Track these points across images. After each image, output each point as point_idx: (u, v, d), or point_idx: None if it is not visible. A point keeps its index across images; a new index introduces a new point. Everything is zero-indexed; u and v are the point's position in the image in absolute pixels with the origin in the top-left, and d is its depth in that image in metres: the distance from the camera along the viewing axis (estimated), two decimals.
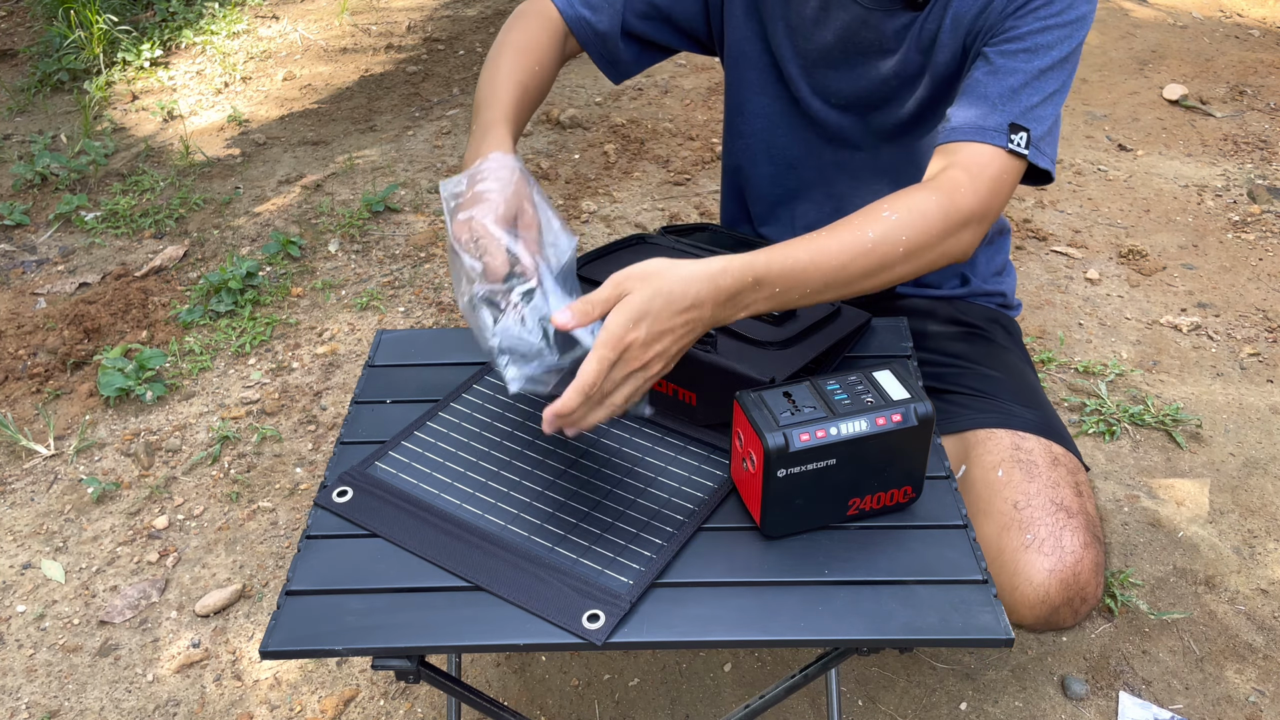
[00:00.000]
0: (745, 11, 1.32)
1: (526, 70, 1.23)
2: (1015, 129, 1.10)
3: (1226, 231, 2.58)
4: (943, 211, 1.05)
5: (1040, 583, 1.10)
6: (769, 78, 1.35)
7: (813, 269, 0.99)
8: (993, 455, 1.21)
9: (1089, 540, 1.14)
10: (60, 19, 3.71)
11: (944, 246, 1.06)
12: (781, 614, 0.90)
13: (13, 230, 2.68)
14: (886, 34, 1.23)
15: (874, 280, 1.04)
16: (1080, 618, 1.14)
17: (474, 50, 3.76)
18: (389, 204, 2.71)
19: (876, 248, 1.02)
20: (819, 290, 1.01)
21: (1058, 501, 1.15)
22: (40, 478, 1.89)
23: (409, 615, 0.91)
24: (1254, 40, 3.70)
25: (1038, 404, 1.29)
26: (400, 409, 1.16)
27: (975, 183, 1.07)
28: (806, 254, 0.99)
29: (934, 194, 1.06)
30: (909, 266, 1.05)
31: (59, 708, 1.47)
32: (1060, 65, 1.13)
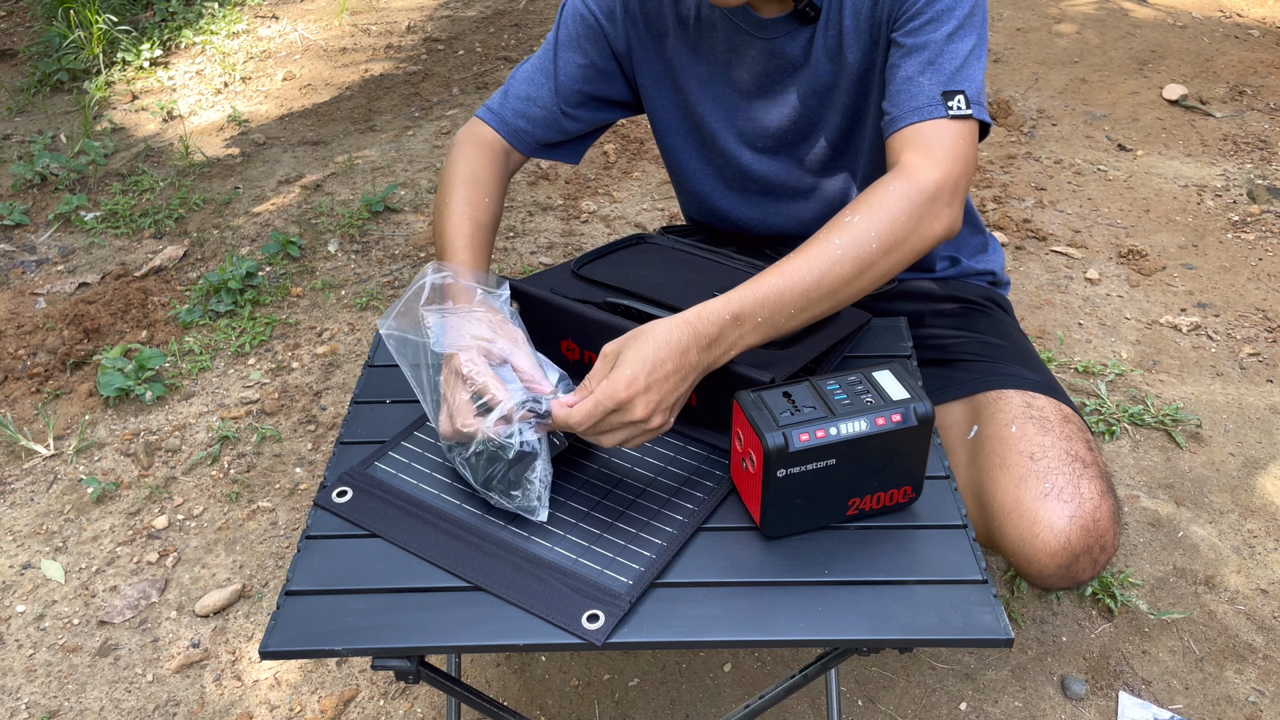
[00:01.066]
0: (655, 81, 1.35)
1: (477, 204, 1.27)
2: (949, 95, 1.11)
3: (1226, 231, 2.58)
4: (905, 196, 1.05)
5: (1062, 529, 1.11)
6: (694, 141, 1.39)
7: (789, 291, 1.01)
8: (1005, 413, 1.22)
9: (1105, 489, 1.15)
10: (60, 19, 3.71)
11: (922, 229, 1.06)
12: (781, 614, 0.90)
13: (13, 230, 2.68)
14: (793, 56, 1.25)
15: (860, 283, 1.05)
16: (1099, 568, 1.15)
17: (474, 50, 3.76)
18: (389, 204, 2.71)
19: (848, 252, 1.03)
20: (803, 308, 1.02)
21: (1072, 453, 1.16)
22: (40, 478, 1.89)
23: (409, 615, 0.91)
24: (1254, 40, 3.70)
25: (1041, 369, 1.32)
26: (400, 409, 1.16)
27: (931, 157, 1.08)
28: (779, 278, 1.01)
29: (892, 182, 1.07)
30: (892, 259, 1.05)
31: (59, 708, 1.47)
32: (968, 21, 1.13)
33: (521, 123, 1.34)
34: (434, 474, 1.07)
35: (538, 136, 1.35)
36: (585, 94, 1.35)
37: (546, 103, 1.33)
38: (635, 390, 0.93)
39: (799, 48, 1.24)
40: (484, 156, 1.32)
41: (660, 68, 1.34)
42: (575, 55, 1.32)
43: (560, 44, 1.33)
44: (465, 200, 1.26)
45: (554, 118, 1.34)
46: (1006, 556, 1.17)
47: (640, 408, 0.94)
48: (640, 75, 1.35)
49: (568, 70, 1.33)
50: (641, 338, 0.95)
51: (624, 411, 0.94)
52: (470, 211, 1.25)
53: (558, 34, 1.34)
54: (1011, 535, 1.14)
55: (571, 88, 1.33)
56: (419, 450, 1.10)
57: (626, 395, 0.93)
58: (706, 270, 1.26)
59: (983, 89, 1.14)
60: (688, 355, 0.96)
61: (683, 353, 0.95)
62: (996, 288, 1.50)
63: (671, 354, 0.95)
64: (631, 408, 0.94)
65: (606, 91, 1.36)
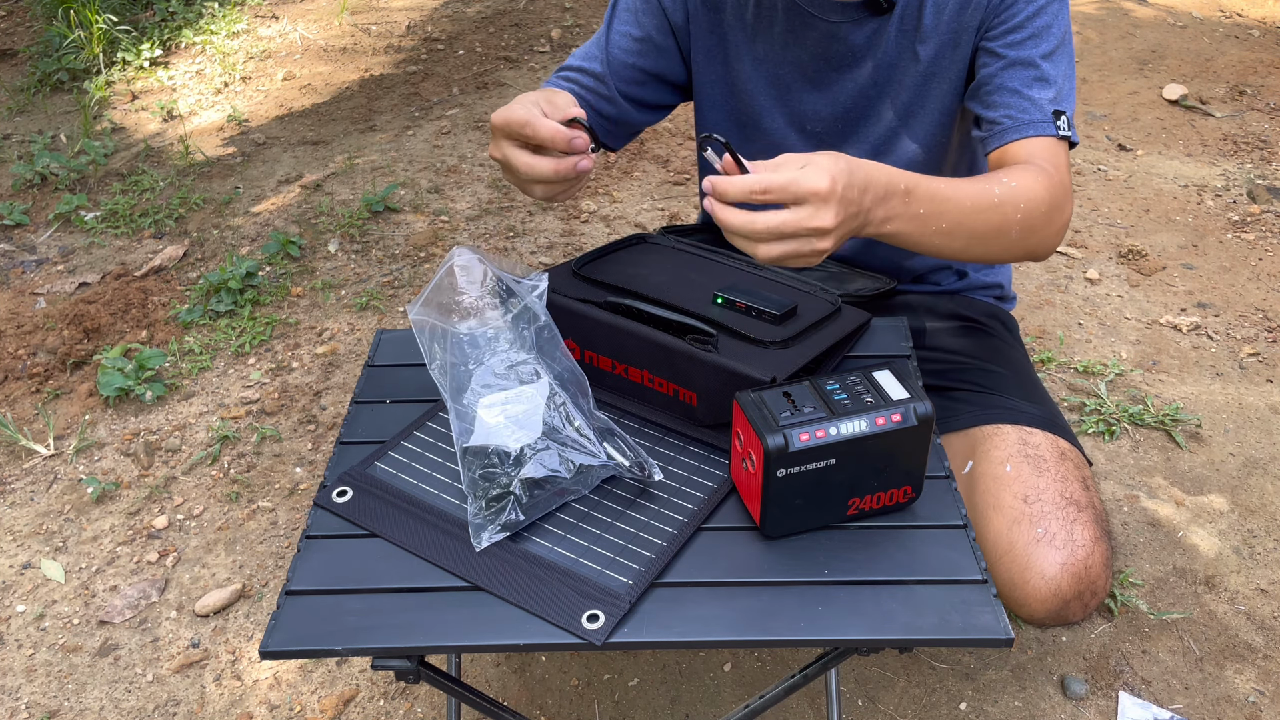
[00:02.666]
0: (707, 56, 1.32)
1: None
2: (1057, 115, 1.12)
3: (1226, 231, 2.58)
4: (1050, 192, 1.06)
5: (1053, 576, 1.11)
6: (734, 122, 1.36)
7: (949, 204, 0.99)
8: (1000, 450, 1.21)
9: (1099, 534, 1.15)
10: (60, 19, 3.71)
11: (1046, 231, 1.07)
12: (781, 614, 0.90)
13: (12, 230, 2.68)
14: (856, 44, 1.23)
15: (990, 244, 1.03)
16: (1089, 611, 1.15)
17: (473, 50, 3.76)
18: (389, 204, 2.71)
19: (1001, 206, 1.02)
20: (951, 230, 0.99)
21: (1067, 496, 1.16)
22: (40, 478, 1.89)
23: (409, 615, 0.91)
24: (1254, 40, 3.70)
25: (1041, 399, 1.30)
26: (400, 409, 1.16)
27: (1058, 174, 1.09)
28: (946, 187, 1.00)
29: (1042, 174, 1.07)
30: (1020, 242, 1.05)
31: (59, 708, 1.47)
32: (1063, 43, 1.15)
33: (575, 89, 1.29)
34: (434, 474, 1.06)
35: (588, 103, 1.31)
36: (638, 68, 1.31)
37: (598, 73, 1.29)
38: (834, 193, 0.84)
39: (864, 37, 1.22)
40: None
41: (714, 42, 1.30)
42: (631, 28, 1.29)
43: (617, 16, 1.30)
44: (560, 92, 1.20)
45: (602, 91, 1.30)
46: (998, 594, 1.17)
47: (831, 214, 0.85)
48: (694, 49, 1.32)
49: (620, 43, 1.29)
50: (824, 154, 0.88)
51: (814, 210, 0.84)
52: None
53: (615, 8, 1.30)
54: (1003, 578, 1.14)
55: (624, 60, 1.29)
56: (419, 450, 1.10)
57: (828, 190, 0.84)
58: (707, 270, 1.26)
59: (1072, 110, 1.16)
60: (867, 193, 0.90)
61: (865, 188, 0.90)
62: (1003, 303, 1.48)
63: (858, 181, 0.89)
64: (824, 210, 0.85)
65: (661, 68, 1.32)
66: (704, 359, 1.07)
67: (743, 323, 1.12)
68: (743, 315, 1.14)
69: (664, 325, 1.11)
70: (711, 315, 1.12)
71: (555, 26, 3.90)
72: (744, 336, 1.11)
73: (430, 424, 1.14)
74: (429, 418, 1.15)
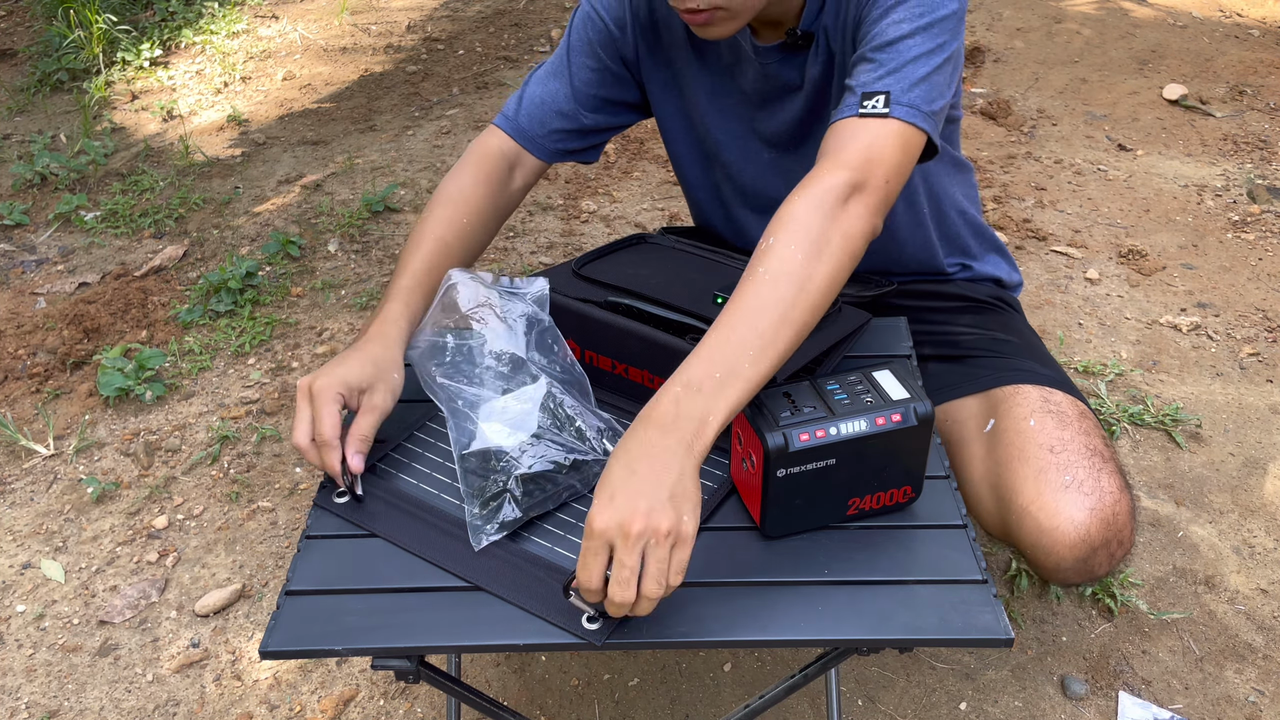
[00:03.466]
0: (663, 88, 1.35)
1: (451, 223, 1.23)
2: (868, 96, 1.06)
3: (1226, 231, 2.58)
4: (809, 199, 0.99)
5: (1082, 521, 1.11)
6: (699, 152, 1.39)
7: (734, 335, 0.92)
8: (1023, 407, 1.22)
9: (1124, 485, 1.15)
10: (60, 19, 3.71)
11: (843, 227, 0.98)
12: (781, 614, 0.90)
13: (12, 230, 2.68)
14: (790, 79, 1.25)
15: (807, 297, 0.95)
16: (1115, 563, 1.15)
17: (474, 50, 3.76)
18: (389, 204, 2.71)
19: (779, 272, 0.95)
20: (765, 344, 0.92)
21: (1091, 448, 1.17)
22: (40, 478, 1.89)
23: (409, 615, 0.91)
24: (1254, 40, 3.70)
25: (1054, 365, 1.32)
26: (400, 409, 1.16)
27: (838, 158, 1.02)
28: (720, 329, 0.93)
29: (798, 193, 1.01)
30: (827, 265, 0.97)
31: (59, 708, 1.47)
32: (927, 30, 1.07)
33: (537, 128, 1.33)
34: (434, 474, 1.07)
35: (555, 141, 1.34)
36: (600, 97, 1.34)
37: (562, 106, 1.32)
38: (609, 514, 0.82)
39: (794, 72, 1.24)
40: (480, 172, 1.29)
41: (668, 75, 1.34)
42: (588, 59, 1.32)
43: (572, 48, 1.33)
44: (438, 220, 1.23)
45: (570, 120, 1.33)
46: (1023, 549, 1.17)
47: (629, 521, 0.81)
48: (649, 82, 1.36)
49: (581, 75, 1.32)
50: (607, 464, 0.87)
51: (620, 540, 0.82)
52: (439, 232, 1.22)
53: (569, 39, 1.34)
54: (1030, 527, 1.14)
55: (586, 91, 1.33)
56: (419, 450, 1.10)
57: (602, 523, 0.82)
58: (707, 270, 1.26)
59: (931, 99, 1.06)
60: (651, 445, 0.85)
61: (645, 446, 0.85)
62: (1006, 289, 1.50)
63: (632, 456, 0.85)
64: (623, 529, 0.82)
65: (620, 95, 1.36)
66: None
67: None
68: None
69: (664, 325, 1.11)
70: (712, 315, 1.12)
71: (555, 26, 3.91)
72: None
73: (430, 424, 1.14)
74: (429, 418, 1.15)
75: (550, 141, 1.34)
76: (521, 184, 1.34)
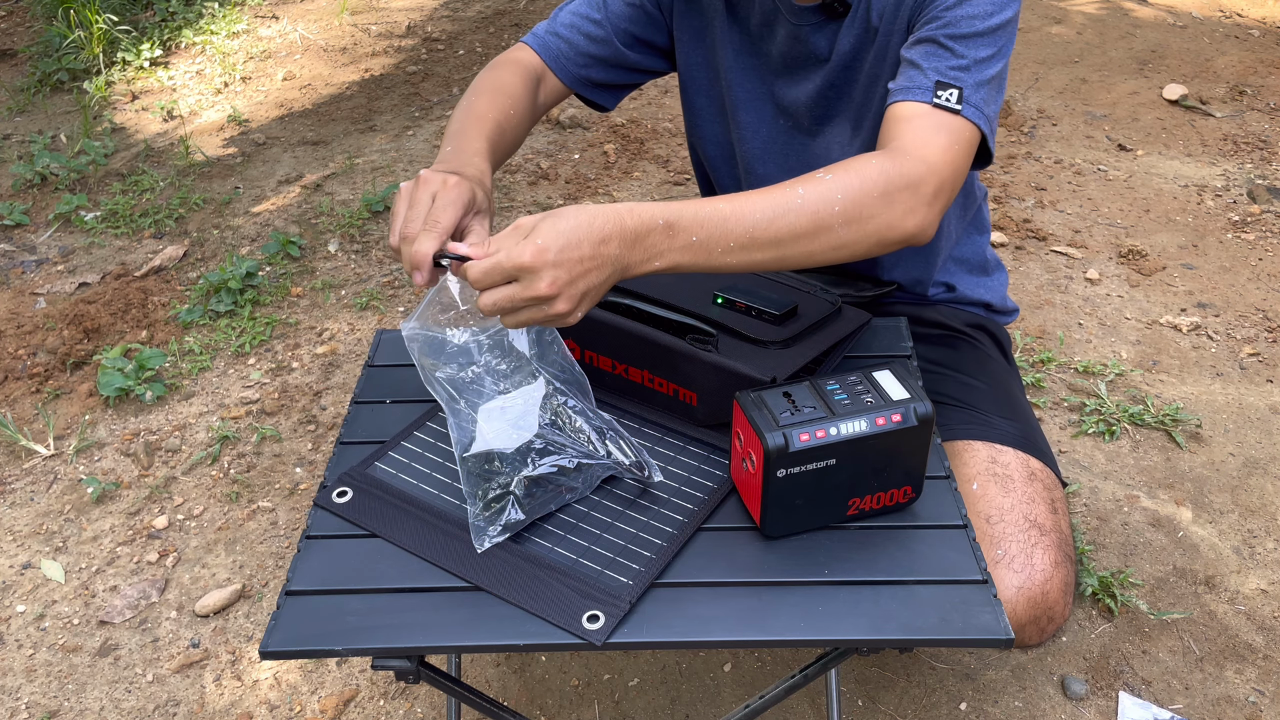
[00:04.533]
0: (693, 37, 1.33)
1: (502, 110, 1.21)
2: (942, 86, 1.05)
3: (1226, 231, 2.58)
4: (885, 173, 0.99)
5: (1008, 599, 1.10)
6: (717, 107, 1.37)
7: (734, 220, 0.93)
8: (969, 468, 1.20)
9: (1059, 559, 1.13)
10: (60, 19, 3.71)
11: (892, 214, 0.99)
12: (781, 614, 0.90)
13: (13, 230, 2.68)
14: (818, 47, 1.23)
15: (812, 243, 0.96)
16: (1045, 637, 1.14)
17: (474, 50, 3.76)
18: (388, 204, 2.71)
19: (808, 204, 0.96)
20: (745, 246, 0.94)
21: (1031, 518, 1.15)
22: (40, 478, 1.89)
23: (409, 615, 0.91)
24: (1254, 40, 3.70)
25: (1019, 416, 1.28)
26: (400, 409, 1.16)
27: (924, 153, 1.02)
28: (727, 204, 0.94)
29: (876, 157, 1.01)
30: (852, 232, 0.98)
31: (59, 708, 1.47)
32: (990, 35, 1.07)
33: (564, 46, 1.30)
34: (434, 474, 1.06)
35: (580, 65, 1.31)
36: (632, 34, 1.32)
37: (594, 31, 1.30)
38: (543, 260, 0.86)
39: (824, 41, 1.22)
40: (515, 74, 1.26)
41: (700, 24, 1.31)
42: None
43: None
44: (490, 104, 1.19)
45: (601, 46, 1.31)
46: None
47: (545, 281, 0.87)
48: (678, 29, 1.33)
49: (616, 7, 1.30)
50: (562, 213, 0.89)
51: (527, 282, 0.87)
52: (494, 114, 1.17)
53: None
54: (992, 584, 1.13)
55: (620, 25, 1.30)
56: (419, 450, 1.10)
57: (531, 261, 0.86)
58: None
59: (989, 103, 1.07)
60: (608, 244, 0.89)
61: (602, 239, 0.89)
62: (996, 315, 1.45)
63: (589, 235, 0.88)
64: (536, 279, 0.87)
65: (652, 36, 1.34)
66: (704, 359, 1.07)
67: (743, 323, 1.12)
68: (743, 315, 1.14)
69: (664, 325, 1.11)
70: (711, 315, 1.12)
71: None
72: (744, 336, 1.11)
73: (430, 424, 1.14)
74: (429, 418, 1.15)
75: (576, 65, 1.31)
76: (544, 100, 1.31)
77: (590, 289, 0.90)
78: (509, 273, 0.88)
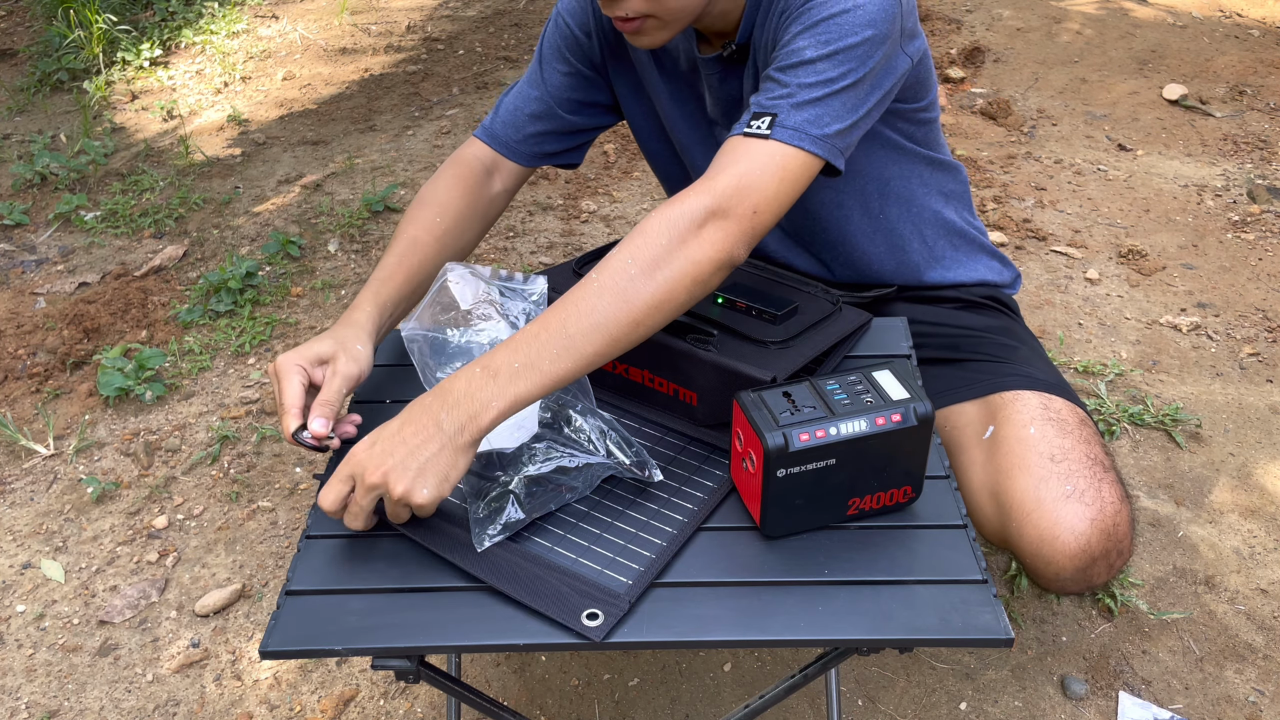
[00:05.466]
0: (631, 91, 1.37)
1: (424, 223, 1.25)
2: (758, 116, 1.05)
3: (1226, 231, 2.58)
4: (664, 218, 0.98)
5: (1083, 531, 1.11)
6: (670, 150, 1.40)
7: (544, 330, 0.95)
8: (1023, 414, 1.22)
9: (1124, 495, 1.16)
10: (60, 19, 3.71)
11: (689, 251, 0.98)
12: (781, 614, 0.90)
13: (12, 230, 2.68)
14: (735, 91, 1.25)
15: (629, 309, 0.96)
16: (1113, 573, 1.15)
17: (473, 50, 3.76)
18: (388, 203, 2.71)
19: (606, 280, 0.96)
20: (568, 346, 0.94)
21: (1093, 457, 1.17)
22: (40, 477, 1.89)
23: (409, 615, 0.91)
24: (1254, 40, 3.70)
25: (1053, 371, 1.32)
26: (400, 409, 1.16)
27: (710, 181, 1.01)
28: (536, 323, 0.96)
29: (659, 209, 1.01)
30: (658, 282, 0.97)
31: (59, 707, 1.47)
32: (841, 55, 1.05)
33: (510, 132, 1.34)
34: None
35: (531, 145, 1.35)
36: (574, 100, 1.36)
37: (536, 109, 1.34)
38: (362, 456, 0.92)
39: (736, 86, 1.24)
40: (454, 176, 1.31)
41: (634, 79, 1.35)
42: (559, 64, 1.34)
43: (544, 55, 1.35)
44: (410, 220, 1.26)
45: (546, 121, 1.35)
46: (1023, 557, 1.17)
47: (371, 471, 0.91)
48: (617, 85, 1.37)
49: (554, 80, 1.34)
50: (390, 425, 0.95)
51: (359, 480, 0.92)
52: (411, 232, 1.24)
53: (542, 47, 1.36)
54: (1031, 536, 1.14)
55: (561, 95, 1.35)
56: None
57: (355, 461, 0.92)
58: None
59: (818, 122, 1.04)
60: (430, 415, 0.92)
61: (423, 412, 0.93)
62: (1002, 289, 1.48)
63: (411, 417, 0.93)
64: (362, 473, 0.92)
65: (594, 96, 1.37)
66: (704, 358, 1.07)
67: (743, 322, 1.12)
68: (743, 315, 1.14)
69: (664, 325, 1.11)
70: (711, 315, 1.12)
71: None
72: (744, 336, 1.11)
73: None
74: None
75: (527, 145, 1.35)
76: (502, 188, 1.36)
77: (426, 462, 0.91)
78: (345, 478, 0.93)
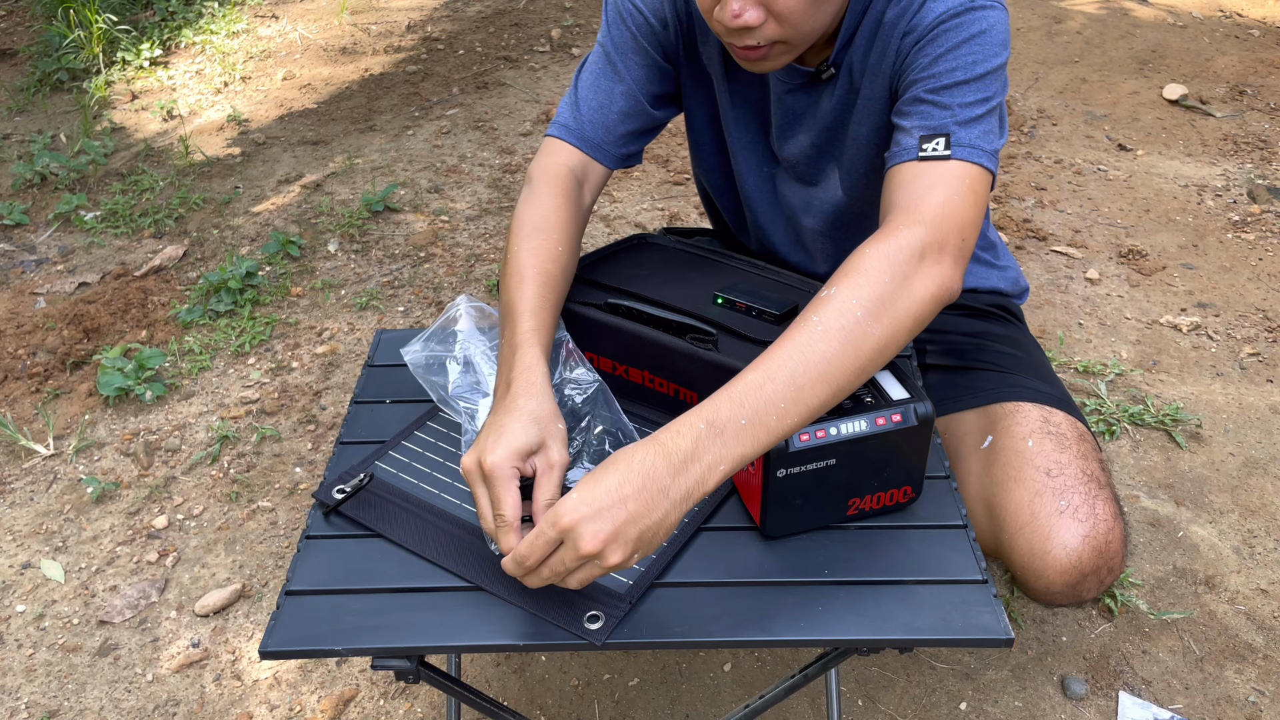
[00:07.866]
0: (694, 79, 1.33)
1: (547, 254, 1.13)
2: (926, 139, 1.04)
3: (1226, 231, 2.58)
4: (885, 257, 0.95)
5: (1074, 548, 1.11)
6: (715, 147, 1.38)
7: (770, 382, 0.88)
8: (1022, 426, 1.22)
9: (1117, 513, 1.16)
10: (60, 18, 3.71)
11: (913, 290, 0.95)
12: (781, 614, 0.90)
13: (12, 230, 2.68)
14: (806, 107, 1.24)
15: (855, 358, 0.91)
16: (1103, 589, 1.15)
17: (473, 50, 3.76)
18: (388, 204, 2.71)
19: (830, 326, 0.91)
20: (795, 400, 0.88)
21: (1088, 473, 1.17)
22: (40, 477, 1.89)
23: (409, 615, 0.91)
24: (1254, 40, 3.70)
25: (1056, 383, 1.32)
26: (400, 409, 1.16)
27: (914, 212, 1.00)
28: (755, 372, 0.89)
29: (869, 246, 0.98)
30: (886, 327, 0.93)
31: (59, 708, 1.47)
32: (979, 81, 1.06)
33: (603, 135, 1.26)
34: (434, 474, 1.07)
35: (620, 146, 1.28)
36: (655, 94, 1.30)
37: (624, 106, 1.26)
38: (580, 516, 0.81)
39: (811, 101, 1.23)
40: (558, 194, 1.20)
41: (701, 69, 1.32)
42: (638, 57, 1.27)
43: (617, 47, 1.27)
44: (533, 250, 1.13)
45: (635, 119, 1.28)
46: (1013, 569, 1.17)
47: (588, 539, 0.81)
48: (682, 71, 1.32)
49: (636, 74, 1.27)
50: (605, 463, 0.85)
51: (569, 544, 0.82)
52: (538, 264, 1.11)
53: (610, 37, 1.27)
54: (1022, 549, 1.14)
55: (646, 89, 1.28)
56: (419, 450, 1.10)
57: (569, 521, 0.81)
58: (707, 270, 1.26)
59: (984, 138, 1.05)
60: (654, 478, 0.83)
61: (647, 475, 0.83)
62: (1011, 299, 1.49)
63: (632, 476, 0.82)
64: (577, 538, 0.81)
65: (669, 88, 1.32)
66: (704, 359, 1.07)
67: (743, 323, 1.12)
68: (743, 315, 1.14)
69: (664, 325, 1.11)
70: (712, 315, 1.12)
71: (555, 26, 3.90)
72: (744, 336, 1.11)
73: (430, 424, 1.14)
74: (429, 418, 1.15)
75: (617, 147, 1.27)
76: (590, 199, 1.27)
77: (645, 530, 0.83)
78: (553, 540, 0.83)
